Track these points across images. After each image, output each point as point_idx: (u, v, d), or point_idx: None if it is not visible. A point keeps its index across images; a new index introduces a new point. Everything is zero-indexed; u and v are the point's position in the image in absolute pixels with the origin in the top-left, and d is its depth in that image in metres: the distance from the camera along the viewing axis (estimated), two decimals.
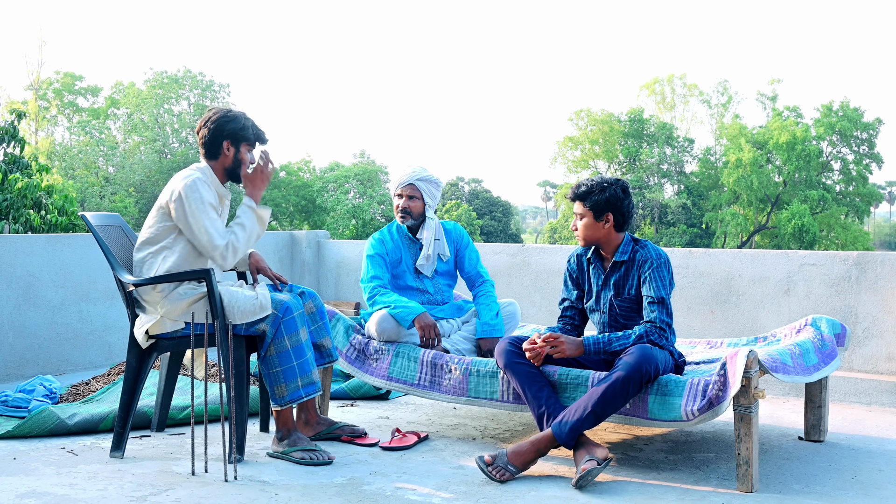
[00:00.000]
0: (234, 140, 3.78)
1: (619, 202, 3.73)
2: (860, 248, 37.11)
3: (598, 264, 3.84)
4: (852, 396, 4.98)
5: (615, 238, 3.78)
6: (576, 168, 44.92)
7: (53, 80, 40.43)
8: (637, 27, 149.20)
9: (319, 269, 7.42)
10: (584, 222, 3.77)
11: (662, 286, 3.66)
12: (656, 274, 3.68)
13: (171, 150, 38.95)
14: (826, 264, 5.23)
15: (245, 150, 3.82)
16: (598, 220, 3.74)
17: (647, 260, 3.71)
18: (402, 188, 4.36)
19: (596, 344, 3.62)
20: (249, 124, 3.82)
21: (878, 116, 42.02)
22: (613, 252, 3.79)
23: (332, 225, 35.48)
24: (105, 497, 3.17)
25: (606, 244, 3.79)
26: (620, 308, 3.77)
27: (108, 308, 5.92)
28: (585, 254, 3.90)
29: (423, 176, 4.35)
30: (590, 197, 3.74)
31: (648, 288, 3.67)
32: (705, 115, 46.52)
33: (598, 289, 3.83)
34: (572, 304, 3.94)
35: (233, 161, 3.81)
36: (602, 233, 3.76)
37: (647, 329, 3.60)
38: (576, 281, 3.93)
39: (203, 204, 3.63)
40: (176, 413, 4.25)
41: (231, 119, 3.78)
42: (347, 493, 3.25)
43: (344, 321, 4.32)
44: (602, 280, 3.82)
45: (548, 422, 3.51)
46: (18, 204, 9.09)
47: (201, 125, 3.81)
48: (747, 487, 3.31)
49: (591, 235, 3.77)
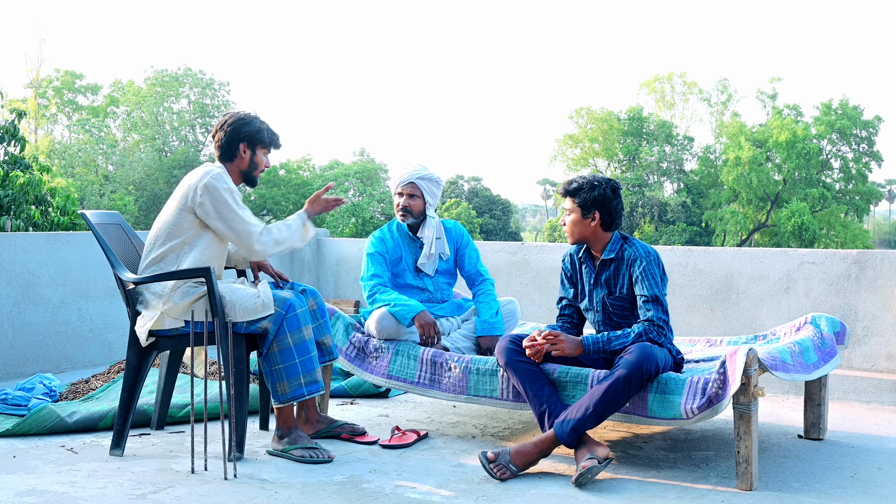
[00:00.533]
0: (251, 143, 3.85)
1: (607, 201, 3.74)
2: (860, 246, 37.12)
3: (589, 263, 3.85)
4: (852, 394, 4.98)
5: (602, 236, 3.78)
6: (575, 166, 44.93)
7: (53, 78, 40.43)
8: (637, 25, 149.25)
9: (319, 267, 7.42)
10: (572, 218, 3.78)
11: (655, 283, 3.66)
12: (647, 272, 3.67)
13: (170, 148, 38.96)
14: (825, 262, 5.23)
15: (261, 154, 3.88)
16: (585, 218, 3.75)
17: (636, 258, 3.71)
18: (403, 186, 4.37)
19: (595, 343, 3.62)
20: (265, 128, 3.90)
21: (877, 114, 42.05)
22: (602, 250, 3.80)
23: (331, 223, 35.49)
24: (105, 495, 3.18)
25: (594, 242, 3.80)
26: (613, 307, 3.77)
27: (108, 306, 5.92)
28: (577, 252, 3.91)
29: (423, 174, 4.36)
30: (579, 194, 3.76)
31: (641, 287, 3.67)
32: (705, 114, 46.60)
33: (590, 288, 3.84)
34: (570, 303, 3.95)
35: (249, 164, 3.87)
36: (589, 230, 3.76)
37: (646, 327, 3.60)
38: (571, 280, 3.94)
39: (233, 194, 3.71)
40: (176, 411, 4.25)
41: (248, 122, 3.85)
42: (347, 491, 3.25)
43: (344, 319, 4.32)
44: (593, 279, 3.82)
45: (549, 421, 3.51)
46: (20, 199, 9.08)
47: (217, 128, 3.88)
48: (747, 485, 3.31)
49: (577, 232, 3.78)
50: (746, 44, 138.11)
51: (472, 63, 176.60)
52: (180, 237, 3.70)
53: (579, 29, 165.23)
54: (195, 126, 39.53)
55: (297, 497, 3.18)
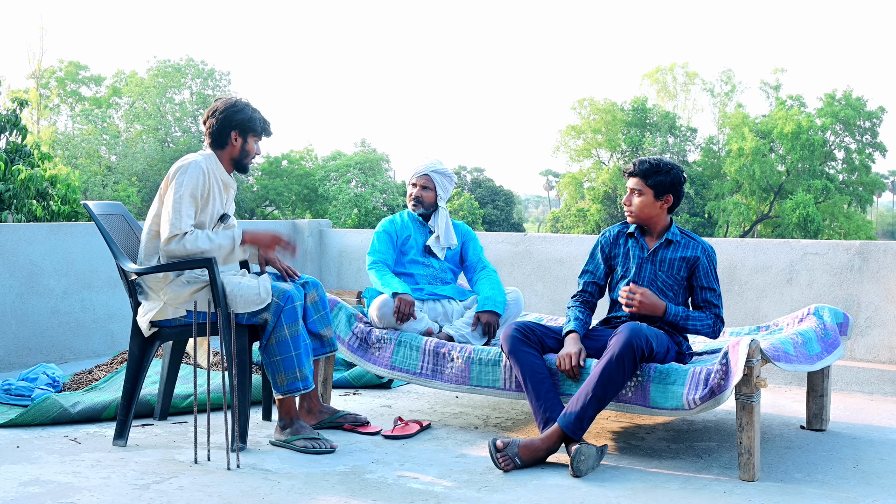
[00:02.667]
0: (242, 130, 3.82)
1: (681, 186, 3.81)
2: (863, 237, 37.07)
3: (642, 240, 3.85)
4: (854, 386, 4.98)
5: (664, 219, 3.83)
6: (578, 157, 44.85)
7: (57, 68, 40.39)
8: (640, 16, 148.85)
9: (322, 257, 7.42)
10: (643, 200, 3.78)
11: (716, 279, 3.79)
12: (712, 265, 3.79)
13: (173, 138, 38.92)
14: (829, 253, 5.22)
15: (252, 141, 3.85)
16: (658, 200, 3.78)
17: (705, 249, 3.79)
18: (417, 178, 4.50)
19: (675, 316, 3.69)
20: (258, 116, 3.86)
21: (881, 105, 41.81)
22: (661, 232, 3.83)
23: (334, 214, 35.47)
24: (108, 485, 3.18)
25: (655, 223, 3.82)
26: (664, 284, 3.78)
27: (111, 297, 5.93)
28: (626, 229, 3.90)
29: (438, 169, 4.51)
30: (654, 175, 3.76)
31: (707, 279, 3.77)
32: (707, 104, 46.45)
33: (639, 262, 3.83)
34: (595, 280, 3.95)
35: (240, 151, 3.84)
36: (656, 213, 3.79)
37: (715, 320, 3.74)
38: (606, 254, 3.93)
39: (188, 188, 3.61)
40: (178, 402, 4.26)
41: (239, 109, 3.81)
42: (350, 482, 3.26)
43: (346, 310, 4.32)
44: (647, 254, 3.82)
45: (547, 426, 3.51)
46: (22, 194, 9.08)
47: (208, 115, 3.83)
48: (749, 476, 3.31)
49: (646, 213, 3.79)
50: (750, 35, 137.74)
51: (474, 53, 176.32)
52: (158, 226, 3.71)
53: (582, 19, 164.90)
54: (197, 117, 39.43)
55: (300, 487, 3.19)
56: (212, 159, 3.79)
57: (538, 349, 3.70)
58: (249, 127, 3.82)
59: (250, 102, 3.87)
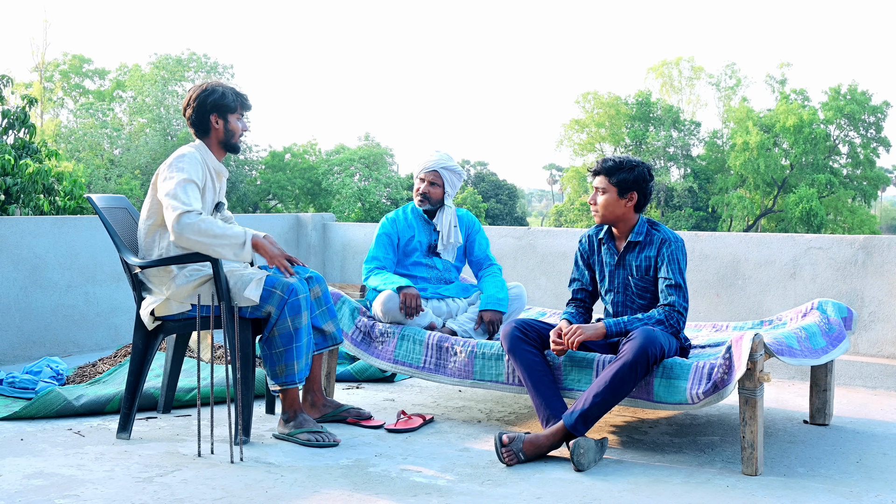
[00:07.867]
0: (220, 112, 3.81)
1: (645, 183, 3.71)
2: (867, 231, 37.01)
3: (611, 244, 3.81)
4: (857, 380, 4.97)
5: (632, 218, 3.75)
6: (582, 151, 44.81)
7: (61, 62, 40.39)
8: (645, 9, 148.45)
9: (325, 251, 7.42)
10: (606, 198, 3.72)
11: (679, 270, 3.65)
12: (674, 256, 3.66)
13: (175, 132, 38.94)
14: (832, 248, 5.22)
15: (234, 119, 3.83)
16: (622, 198, 3.70)
17: (665, 241, 3.69)
18: (426, 173, 4.43)
19: (617, 325, 3.60)
20: (230, 91, 3.84)
21: (885, 100, 41.75)
22: (628, 232, 3.76)
23: (337, 208, 35.49)
24: (112, 478, 3.19)
25: (622, 224, 3.75)
26: (637, 287, 3.74)
27: (115, 290, 5.93)
28: (597, 234, 3.87)
29: (447, 165, 4.43)
30: (617, 173, 3.70)
31: (666, 270, 3.65)
32: (712, 98, 46.38)
33: (611, 269, 3.80)
34: (583, 287, 3.93)
35: (225, 132, 3.83)
36: (621, 211, 3.72)
37: (667, 313, 3.59)
38: (587, 262, 3.91)
39: (188, 173, 3.61)
40: (182, 395, 4.27)
41: (210, 92, 3.80)
42: (353, 475, 3.26)
43: (350, 303, 4.33)
44: (616, 259, 3.79)
45: (550, 423, 3.51)
46: (29, 189, 9.10)
47: (185, 106, 3.84)
48: (752, 470, 3.31)
49: (610, 213, 3.73)
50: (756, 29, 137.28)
51: (478, 47, 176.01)
52: (153, 217, 3.71)
53: (587, 13, 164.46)
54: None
55: (304, 480, 3.19)
56: (202, 149, 3.80)
57: (538, 346, 3.69)
58: (225, 106, 3.80)
59: (222, 82, 3.87)
